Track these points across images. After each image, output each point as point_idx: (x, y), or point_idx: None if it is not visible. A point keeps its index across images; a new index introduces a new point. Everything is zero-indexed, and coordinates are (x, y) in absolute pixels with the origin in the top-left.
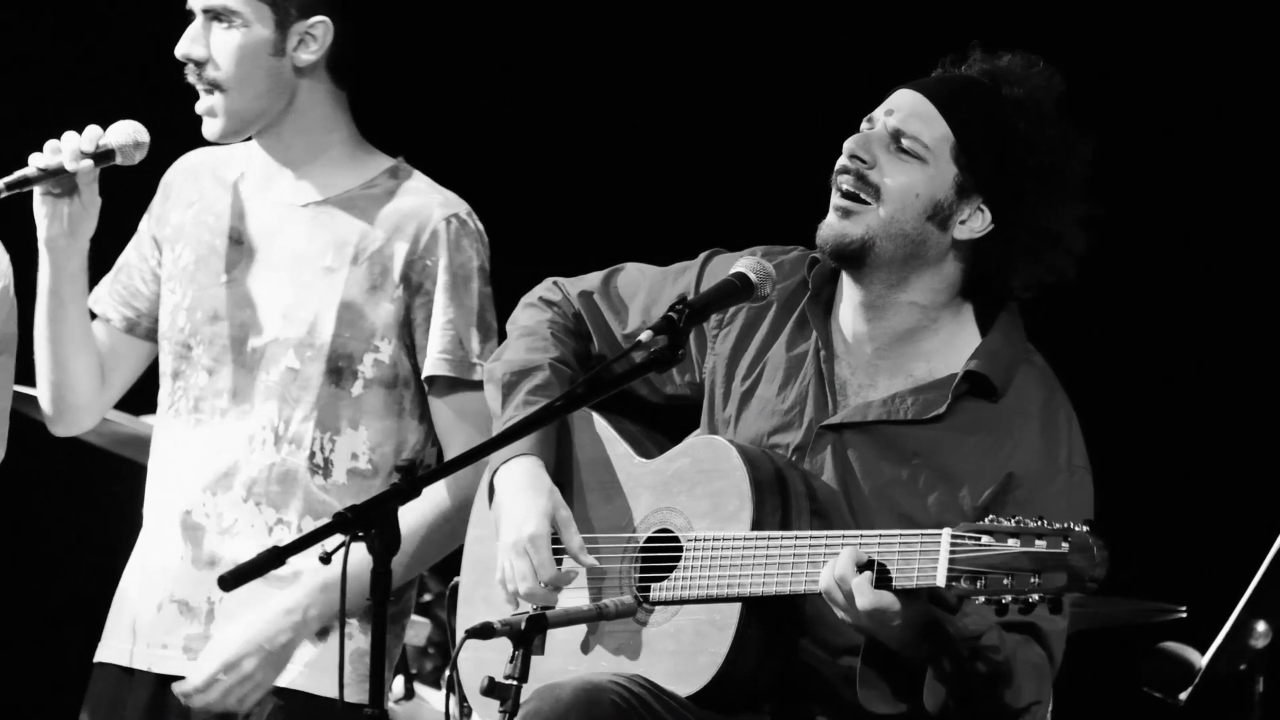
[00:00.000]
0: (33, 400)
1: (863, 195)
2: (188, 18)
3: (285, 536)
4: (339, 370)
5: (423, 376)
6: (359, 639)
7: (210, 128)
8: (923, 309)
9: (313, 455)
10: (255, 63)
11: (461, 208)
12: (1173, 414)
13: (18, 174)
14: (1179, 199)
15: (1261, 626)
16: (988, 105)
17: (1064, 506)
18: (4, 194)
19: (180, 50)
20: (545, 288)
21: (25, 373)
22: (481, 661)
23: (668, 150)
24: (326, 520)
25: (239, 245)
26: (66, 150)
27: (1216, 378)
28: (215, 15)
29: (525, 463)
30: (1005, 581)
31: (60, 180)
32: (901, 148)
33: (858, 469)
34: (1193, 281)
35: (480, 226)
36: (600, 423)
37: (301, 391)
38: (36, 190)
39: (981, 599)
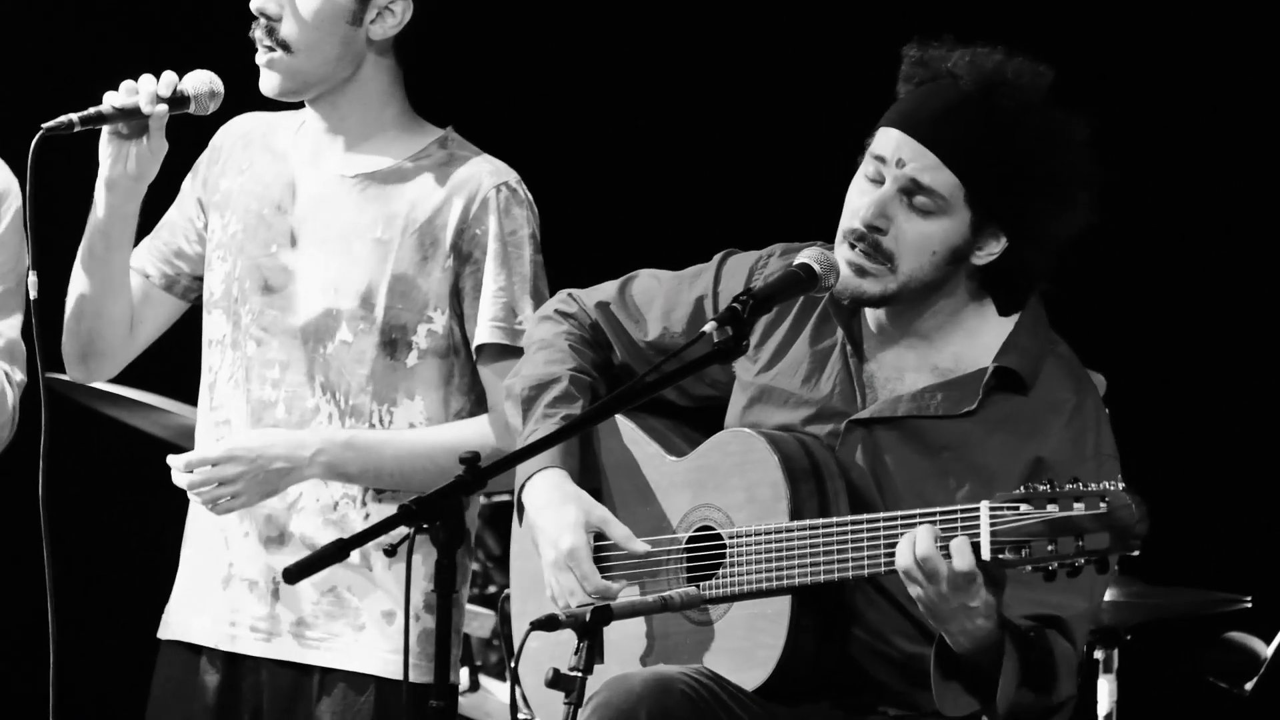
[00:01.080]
0: (83, 389)
1: (878, 262)
2: None
3: (349, 511)
4: (393, 342)
5: (474, 345)
6: (425, 619)
7: (269, 83)
8: (947, 314)
9: (372, 428)
10: (332, 29)
11: (511, 176)
12: (1237, 404)
13: (93, 110)
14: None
15: None
16: (989, 135)
17: None
18: (77, 128)
19: (256, 5)
20: (559, 300)
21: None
22: (543, 657)
23: (680, 150)
24: (395, 513)
25: (288, 215)
26: (144, 92)
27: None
28: None
29: (549, 476)
30: (1050, 548)
31: (132, 121)
32: (914, 205)
33: (889, 463)
34: (1249, 264)
35: (530, 196)
36: (626, 424)
37: (357, 364)
38: (105, 129)
39: (1029, 568)
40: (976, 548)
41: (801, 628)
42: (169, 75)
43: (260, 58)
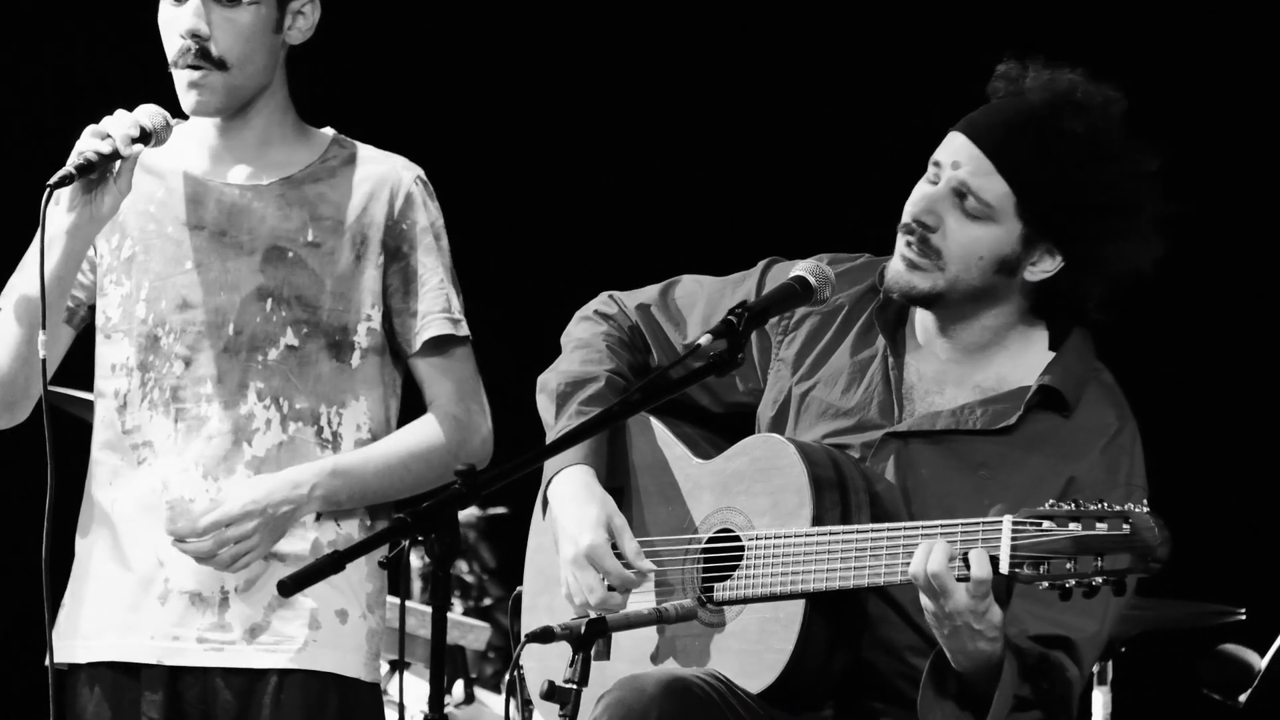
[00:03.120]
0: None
1: (928, 258)
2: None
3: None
4: (338, 344)
5: (418, 339)
6: (370, 619)
7: (204, 103)
8: (995, 330)
9: (320, 430)
10: (262, 39)
11: (419, 168)
12: (1231, 416)
13: (82, 160)
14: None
15: None
16: (1047, 151)
17: None
18: (76, 180)
19: (186, 28)
20: (600, 301)
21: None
22: (545, 666)
23: (724, 159)
24: (389, 525)
25: (199, 230)
26: (118, 135)
27: (1274, 377)
28: None
29: (576, 472)
30: (1068, 566)
31: (109, 165)
32: (965, 208)
33: (922, 477)
34: (1247, 282)
35: None
36: (657, 426)
37: (303, 367)
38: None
39: (1045, 584)
40: (995, 561)
41: (813, 634)
42: (131, 115)
43: (189, 78)
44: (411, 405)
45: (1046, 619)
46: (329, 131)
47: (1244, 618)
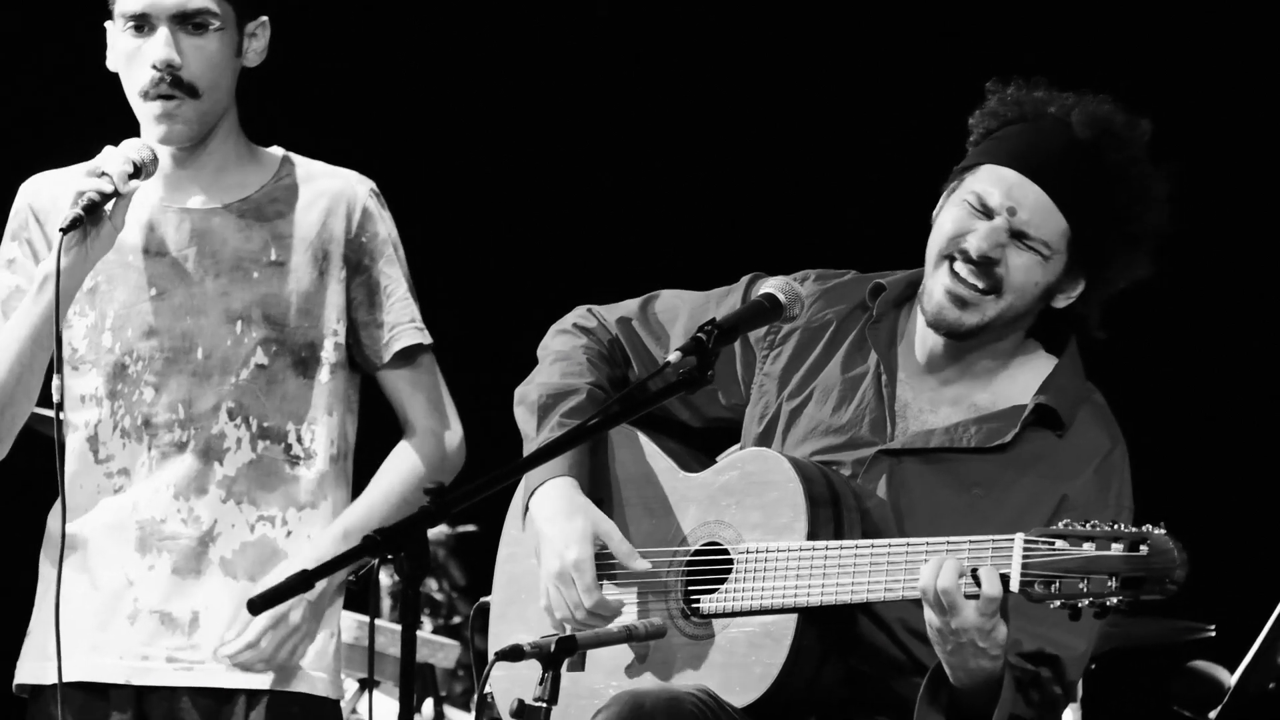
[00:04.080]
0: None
1: (987, 289)
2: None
3: (269, 532)
4: (304, 361)
5: (390, 350)
6: (336, 637)
7: (176, 134)
8: (1003, 353)
9: (289, 448)
10: (227, 64)
11: (371, 181)
12: (1200, 433)
13: (87, 201)
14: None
15: None
16: (1099, 187)
17: None
18: (86, 223)
19: (160, 57)
20: (579, 314)
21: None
22: (517, 681)
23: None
24: (359, 544)
25: (160, 257)
26: (115, 173)
27: (1245, 398)
28: (185, 20)
29: (559, 484)
30: (1081, 585)
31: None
32: (1028, 245)
33: (914, 496)
34: (1219, 297)
35: None
36: (643, 439)
37: (272, 386)
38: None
39: (1058, 603)
40: (1005, 579)
41: (803, 649)
42: (121, 151)
43: (161, 109)
44: (371, 416)
45: (1037, 635)
46: (277, 150)
47: (1214, 635)
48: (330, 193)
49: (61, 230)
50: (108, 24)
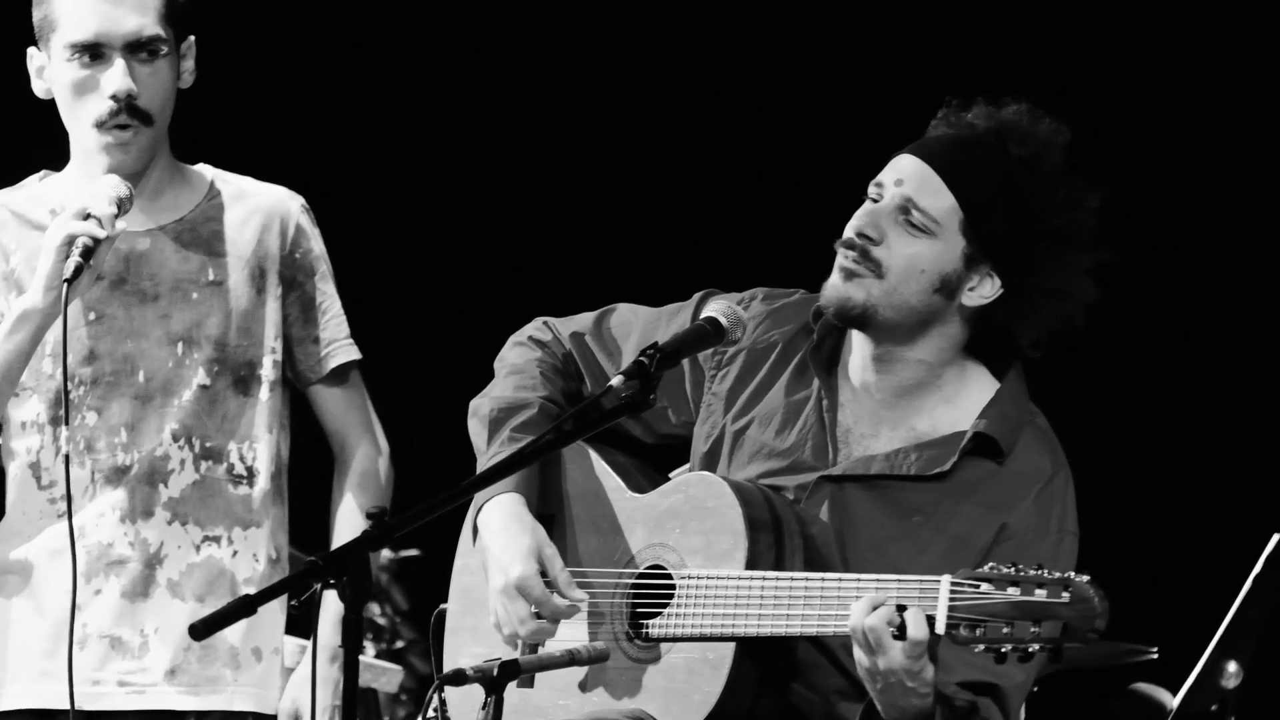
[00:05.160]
0: None
1: (868, 268)
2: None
3: (216, 553)
4: (244, 379)
5: (330, 365)
6: (281, 655)
7: (130, 163)
8: (929, 366)
9: (232, 467)
10: (172, 89)
11: (301, 197)
12: (1142, 456)
13: (82, 246)
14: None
15: (1232, 667)
16: (996, 171)
17: (1049, 566)
18: (85, 267)
19: (120, 88)
20: (534, 327)
21: None
22: (468, 698)
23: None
24: (302, 568)
25: (98, 281)
26: (104, 215)
27: (1184, 421)
28: (139, 49)
29: (507, 501)
30: (1005, 630)
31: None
32: (910, 221)
33: (856, 522)
34: (1162, 323)
35: None
36: (593, 456)
37: (214, 406)
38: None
39: (981, 647)
40: (932, 620)
41: (741, 678)
42: (101, 190)
43: (118, 139)
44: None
45: (976, 666)
46: (205, 168)
47: (1156, 657)
48: (263, 209)
49: (66, 281)
50: (34, 50)
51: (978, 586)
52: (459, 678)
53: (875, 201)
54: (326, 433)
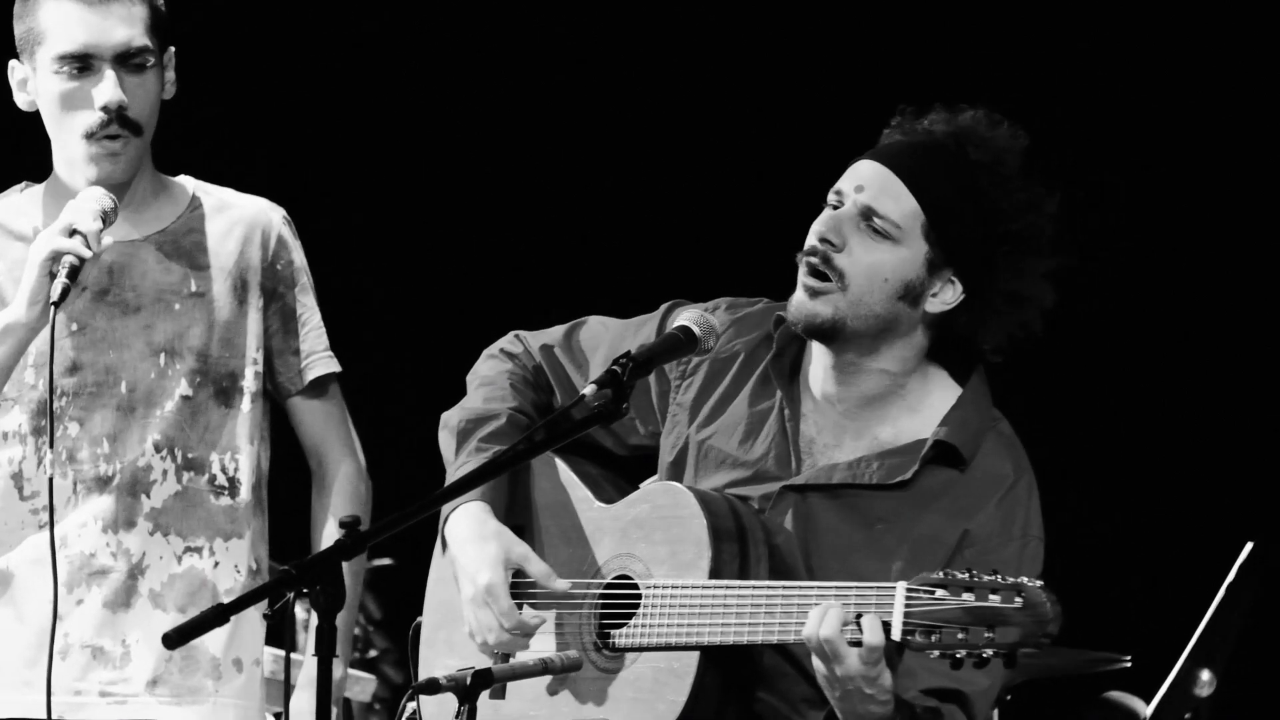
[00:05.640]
0: None
1: (829, 278)
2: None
3: (197, 563)
4: (225, 391)
5: (309, 377)
6: (261, 666)
7: (118, 173)
8: (892, 375)
9: (214, 478)
10: (158, 99)
11: (282, 208)
12: (1114, 465)
13: (69, 267)
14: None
15: (1205, 675)
16: (956, 175)
17: (1013, 572)
18: (73, 289)
19: (112, 99)
20: (507, 340)
21: None
22: (443, 708)
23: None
24: (275, 578)
25: (81, 292)
26: (90, 231)
27: (1158, 430)
28: (127, 59)
29: (472, 510)
30: (960, 636)
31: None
32: (872, 227)
33: (820, 531)
34: (1139, 331)
35: None
36: (561, 467)
37: (196, 417)
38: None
39: (936, 653)
40: (887, 627)
41: (705, 687)
42: (84, 205)
43: (109, 149)
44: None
45: (939, 672)
46: (186, 180)
47: (1129, 665)
48: (245, 220)
49: (54, 304)
50: (15, 64)
51: (933, 593)
52: (433, 686)
53: (836, 208)
54: (304, 447)
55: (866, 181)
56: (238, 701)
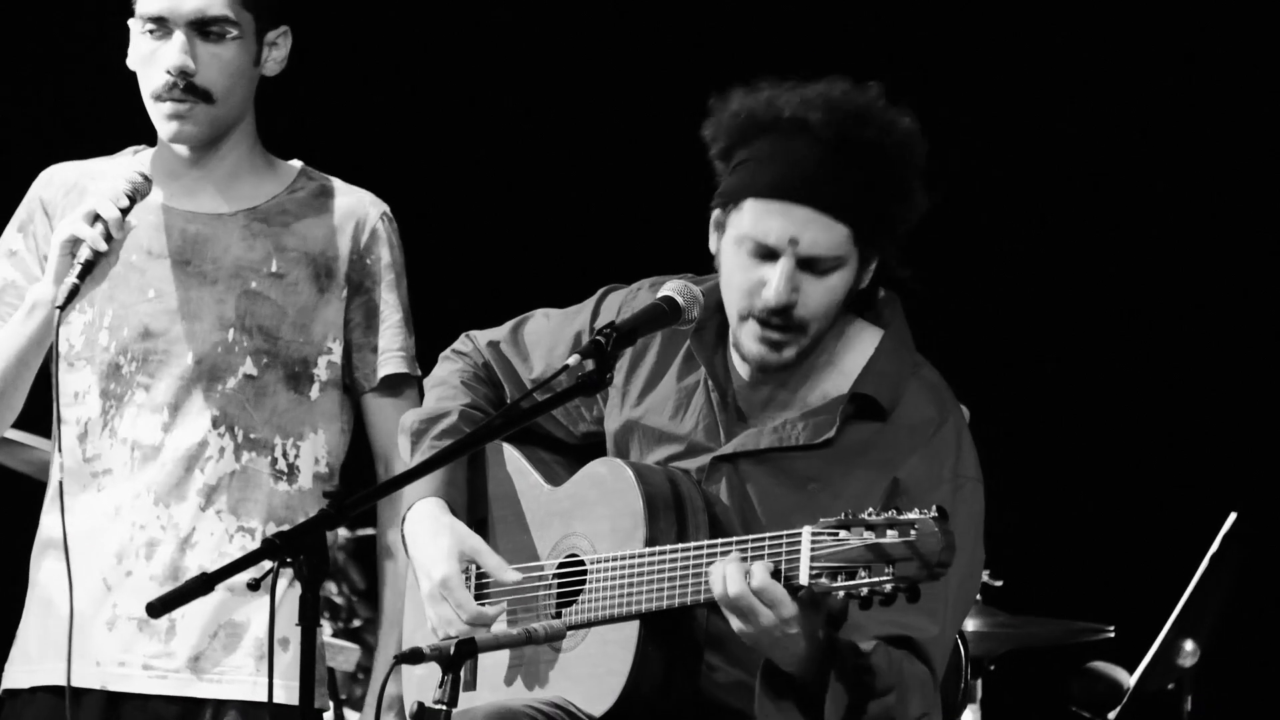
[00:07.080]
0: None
1: (792, 330)
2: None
3: (249, 545)
4: (296, 375)
5: (377, 375)
6: (295, 647)
7: (186, 134)
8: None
9: (275, 461)
10: (243, 72)
11: (386, 205)
12: (1099, 434)
13: (81, 264)
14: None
15: (1189, 645)
16: (862, 173)
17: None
18: (80, 286)
19: (174, 64)
20: (458, 341)
21: None
22: (423, 688)
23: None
24: (256, 547)
25: (164, 259)
26: (111, 219)
27: (1143, 398)
28: (202, 27)
29: (427, 505)
30: (862, 574)
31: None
32: (818, 270)
33: (754, 497)
34: (1118, 306)
35: None
36: (512, 454)
37: (261, 398)
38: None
39: (842, 594)
40: (795, 571)
41: (648, 655)
42: (113, 186)
43: (173, 110)
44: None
45: (887, 621)
46: (296, 163)
47: (1113, 635)
48: (341, 210)
49: (58, 308)
50: (131, 21)
51: (836, 534)
52: (416, 656)
53: (763, 258)
54: (372, 447)
55: (797, 231)
56: (279, 681)
